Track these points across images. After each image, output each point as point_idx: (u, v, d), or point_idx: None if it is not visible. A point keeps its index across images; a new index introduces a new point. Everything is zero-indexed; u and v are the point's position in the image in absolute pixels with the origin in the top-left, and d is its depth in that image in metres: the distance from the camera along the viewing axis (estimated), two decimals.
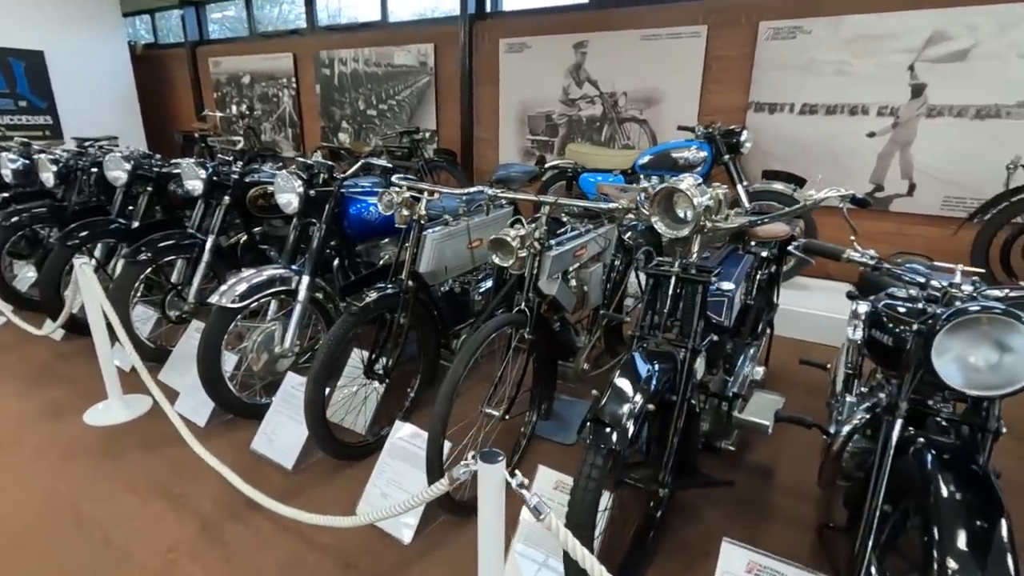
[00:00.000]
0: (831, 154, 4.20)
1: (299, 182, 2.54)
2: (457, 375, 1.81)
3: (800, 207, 1.70)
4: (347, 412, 2.49)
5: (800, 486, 2.20)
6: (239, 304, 2.37)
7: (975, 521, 1.02)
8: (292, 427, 2.35)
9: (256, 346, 2.55)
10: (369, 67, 6.59)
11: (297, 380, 2.44)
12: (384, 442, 2.14)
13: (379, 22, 6.55)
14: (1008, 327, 1.10)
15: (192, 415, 2.64)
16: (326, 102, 7.17)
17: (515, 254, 1.96)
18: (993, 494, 1.06)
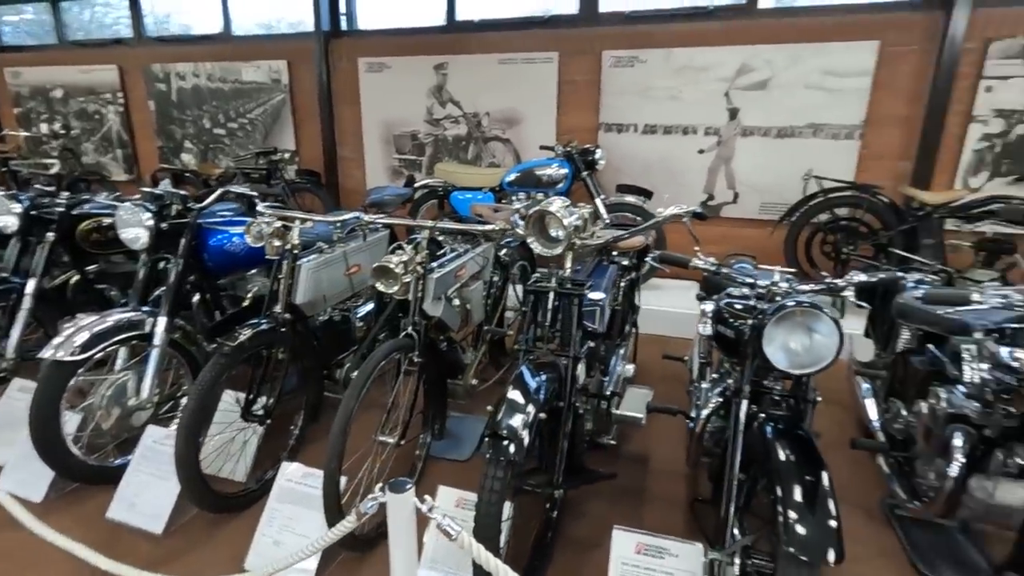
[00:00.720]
0: (670, 169, 4.75)
1: (148, 215, 2.31)
2: (350, 407, 1.77)
3: (654, 222, 1.93)
4: (224, 460, 2.30)
5: (672, 468, 2.47)
6: (80, 356, 2.08)
7: (804, 476, 1.26)
8: (158, 486, 2.11)
9: (105, 401, 2.25)
10: (213, 83, 6.10)
11: (160, 433, 2.20)
12: (270, 486, 2.02)
13: (221, 35, 6.10)
14: (815, 317, 1.38)
15: (24, 490, 2.25)
16: (164, 120, 6.49)
17: (399, 280, 1.97)
18: (815, 453, 1.31)
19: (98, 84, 6.68)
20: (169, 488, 2.09)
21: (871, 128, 4.20)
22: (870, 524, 2.14)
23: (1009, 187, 3.98)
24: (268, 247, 2.19)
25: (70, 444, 2.17)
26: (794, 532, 1.18)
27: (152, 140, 6.65)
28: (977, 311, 1.84)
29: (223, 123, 6.21)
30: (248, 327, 2.11)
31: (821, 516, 1.19)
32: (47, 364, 2.06)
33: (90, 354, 2.12)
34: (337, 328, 2.64)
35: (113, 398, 2.27)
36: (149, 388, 2.28)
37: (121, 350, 2.34)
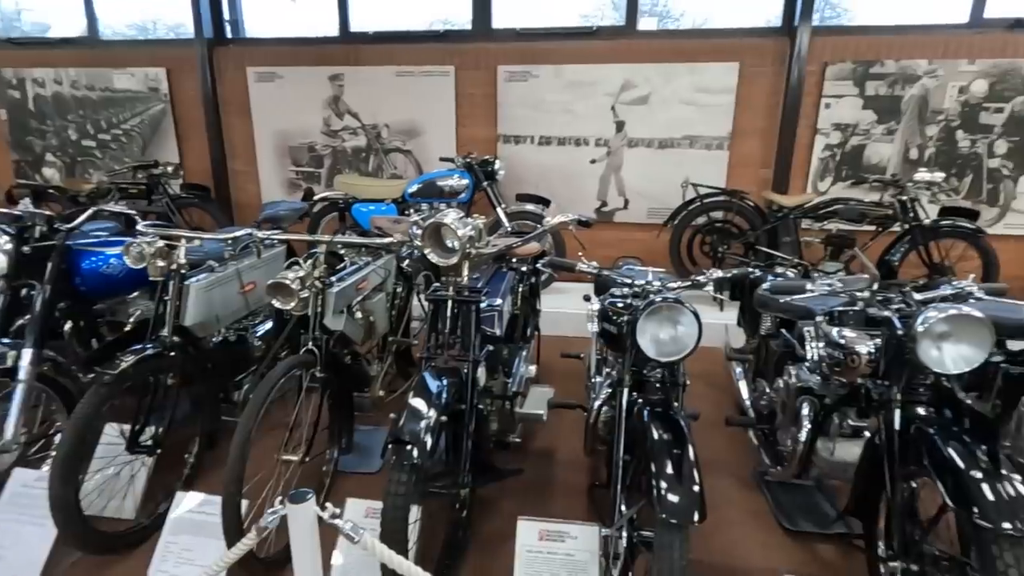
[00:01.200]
0: (566, 178, 5.01)
1: (5, 239, 2.11)
2: (248, 428, 1.74)
3: (541, 230, 2.08)
4: (108, 498, 2.15)
5: (574, 458, 2.63)
6: None
7: (673, 451, 1.44)
8: (31, 532, 1.94)
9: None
10: (79, 90, 5.59)
11: (30, 475, 2.02)
12: (163, 520, 1.93)
13: (86, 38, 5.60)
14: (679, 311, 1.57)
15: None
16: (19, 131, 5.83)
17: (296, 296, 1.96)
18: (681, 430, 1.50)
19: None
20: (44, 534, 1.92)
21: (737, 139, 4.70)
22: (744, 490, 2.42)
23: (847, 190, 4.62)
24: (151, 268, 2.09)
25: None
26: (666, 500, 1.35)
27: (6, 153, 5.94)
28: (815, 298, 2.15)
29: (93, 134, 5.69)
30: (131, 353, 2.00)
31: (687, 484, 1.36)
32: None
33: None
34: (233, 349, 2.55)
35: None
36: (14, 428, 2.08)
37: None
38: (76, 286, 2.40)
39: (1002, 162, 4.40)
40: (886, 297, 1.82)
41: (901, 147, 4.50)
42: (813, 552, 2.08)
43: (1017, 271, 4.47)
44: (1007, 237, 4.46)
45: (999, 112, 4.32)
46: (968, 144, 4.41)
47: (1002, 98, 4.29)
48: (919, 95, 4.38)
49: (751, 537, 2.15)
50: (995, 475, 1.32)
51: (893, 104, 4.43)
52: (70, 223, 2.30)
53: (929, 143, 4.46)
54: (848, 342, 1.81)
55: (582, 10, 5.66)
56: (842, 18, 5.09)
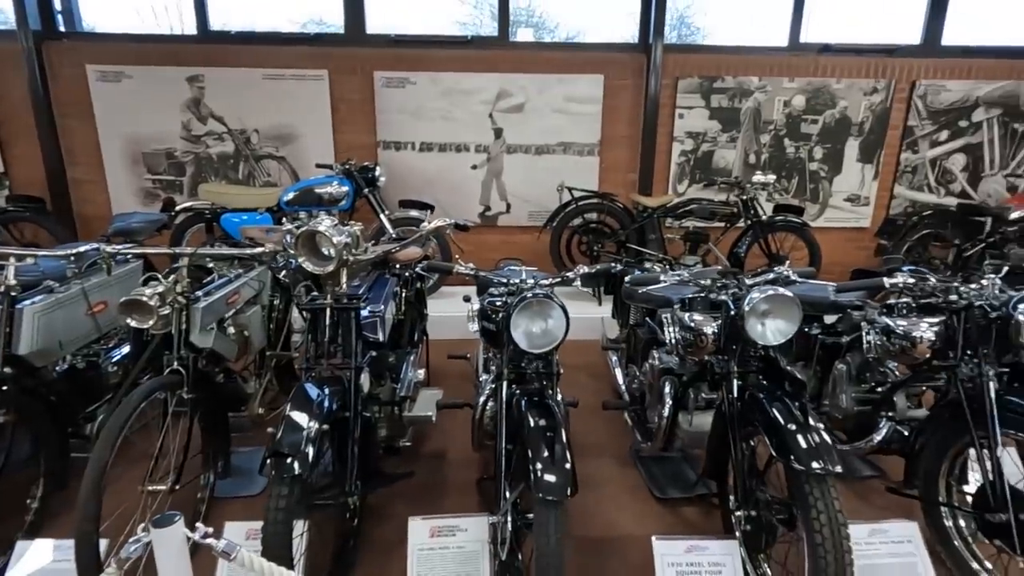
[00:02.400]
0: (449, 183, 5.08)
1: None
2: (102, 460, 1.60)
3: (419, 235, 2.12)
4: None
5: (465, 456, 2.69)
6: None
7: (547, 434, 1.56)
8: None
9: None
10: None
11: None
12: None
13: None
14: (548, 305, 1.70)
15: None
16: None
17: (155, 314, 1.83)
18: (554, 415, 1.63)
19: None
20: None
21: (605, 146, 5.06)
22: (621, 468, 2.63)
23: (701, 191, 5.16)
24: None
25: None
26: (542, 480, 1.46)
27: None
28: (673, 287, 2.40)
29: None
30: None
31: (560, 464, 1.48)
32: None
33: None
34: (82, 377, 2.30)
35: None
36: None
37: None
38: None
39: (820, 165, 5.18)
40: (724, 284, 2.09)
41: (742, 153, 5.12)
42: (680, 515, 2.33)
43: (835, 257, 5.26)
44: (827, 229, 5.24)
45: (815, 123, 5.07)
46: (793, 150, 5.13)
47: (816, 111, 5.04)
48: (754, 108, 5.02)
49: (628, 508, 2.35)
50: (805, 427, 1.59)
51: (733, 115, 5.03)
52: None
53: (763, 149, 5.12)
54: (696, 324, 2.06)
55: (459, 18, 5.77)
56: (697, 36, 5.69)
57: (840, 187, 5.23)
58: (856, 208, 5.27)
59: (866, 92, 5.00)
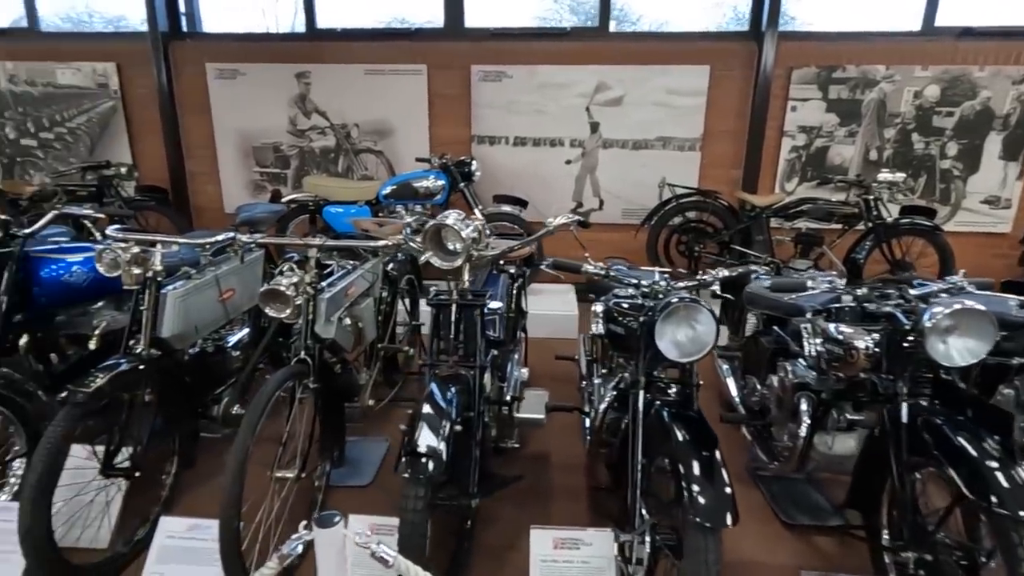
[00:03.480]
0: (541, 179, 4.99)
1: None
2: (245, 446, 1.63)
3: (546, 231, 2.04)
4: (82, 527, 1.97)
5: (570, 461, 2.60)
6: None
7: (701, 452, 1.42)
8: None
9: None
10: (18, 86, 5.19)
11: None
12: (143, 547, 1.79)
13: (24, 30, 5.21)
14: (696, 310, 1.56)
15: None
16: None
17: (292, 304, 1.86)
18: (708, 430, 1.49)
19: None
20: (11, 571, 1.75)
21: (708, 141, 4.79)
22: (739, 485, 2.43)
23: (813, 190, 4.78)
24: (125, 276, 1.93)
25: None
26: (698, 503, 1.33)
27: None
28: (809, 296, 2.20)
29: (34, 132, 5.30)
30: (104, 369, 1.84)
31: (718, 486, 1.35)
32: None
33: None
34: (211, 360, 2.39)
35: None
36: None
37: None
38: (34, 296, 2.20)
39: (953, 163, 4.65)
40: (883, 293, 1.87)
41: (861, 149, 4.69)
42: (813, 545, 2.12)
43: (968, 266, 4.71)
44: (958, 234, 4.71)
45: (950, 116, 4.56)
46: (922, 146, 4.64)
47: (952, 103, 4.53)
48: (878, 99, 4.58)
49: (756, 532, 2.17)
50: (1008, 464, 1.36)
51: (854, 107, 4.61)
52: (27, 228, 2.11)
53: (887, 145, 4.67)
54: (847, 338, 1.85)
55: (537, 13, 5.60)
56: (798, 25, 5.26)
57: (976, 187, 4.68)
58: (995, 211, 4.70)
59: (1015, 81, 4.44)
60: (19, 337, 2.28)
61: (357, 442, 2.66)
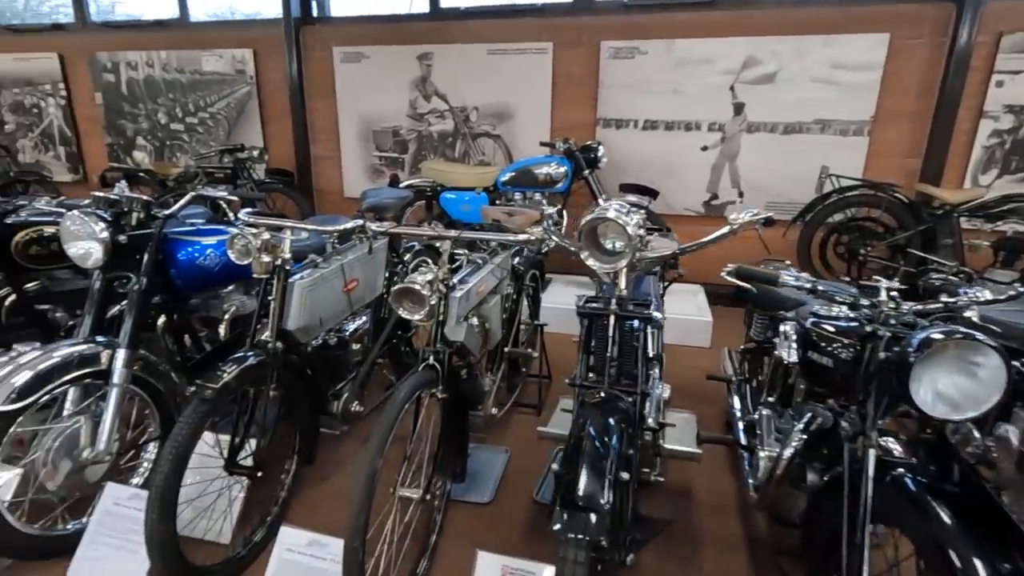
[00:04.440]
0: (671, 166, 4.51)
1: (102, 225, 1.89)
2: (374, 467, 1.43)
3: (729, 230, 1.65)
4: (205, 519, 1.91)
5: (720, 501, 2.20)
6: (19, 404, 1.67)
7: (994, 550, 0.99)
8: (123, 560, 1.71)
9: (52, 455, 1.83)
10: (169, 73, 5.56)
11: (123, 493, 1.80)
12: (259, 550, 1.66)
13: (176, 20, 5.55)
14: (974, 349, 1.11)
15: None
16: (113, 114, 5.89)
17: (427, 303, 1.63)
18: (1009, 523, 1.05)
19: (36, 74, 6.01)
20: (137, 563, 1.70)
21: (880, 124, 4.05)
22: None
23: (1018, 185, 3.89)
24: (256, 264, 1.81)
25: (5, 512, 1.74)
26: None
27: (100, 136, 6.03)
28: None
29: (181, 118, 5.66)
30: (233, 362, 1.73)
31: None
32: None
33: (32, 400, 1.71)
34: (332, 354, 2.26)
35: (61, 450, 1.85)
36: (107, 437, 1.86)
37: (71, 390, 1.91)
38: (172, 278, 2.17)
39: None
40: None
41: None
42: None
43: None
44: None
45: None
46: None
47: None
48: None
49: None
50: None
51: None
52: (166, 208, 2.07)
53: None
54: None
55: None
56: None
57: None
58: None
59: None
60: (156, 319, 2.28)
61: (474, 451, 2.44)
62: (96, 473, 1.93)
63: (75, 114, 6.07)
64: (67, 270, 2.65)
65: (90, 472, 1.92)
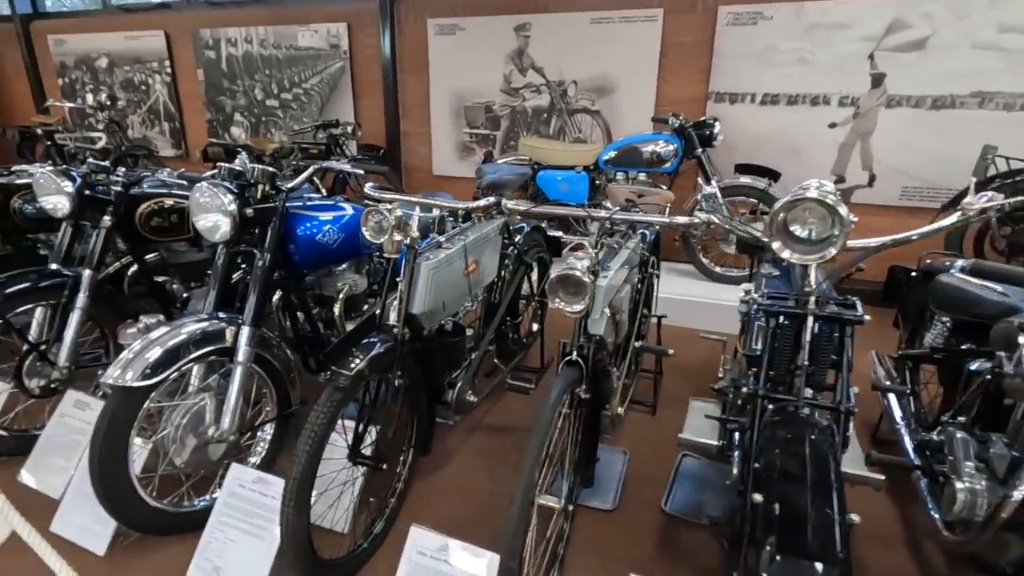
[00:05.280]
0: (792, 145, 4.08)
1: (230, 197, 1.81)
2: (533, 477, 1.26)
3: (957, 220, 1.34)
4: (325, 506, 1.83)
5: (889, 536, 1.91)
6: (153, 380, 1.63)
7: None
8: (248, 543, 1.66)
9: (180, 431, 1.80)
10: (267, 49, 5.62)
11: (247, 475, 1.75)
12: (379, 542, 1.56)
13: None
14: None
15: (83, 538, 1.83)
16: (213, 91, 6.05)
17: (587, 293, 1.44)
18: None
19: (144, 52, 6.26)
20: (264, 549, 1.63)
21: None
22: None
23: None
24: (387, 243, 1.68)
25: (138, 486, 1.72)
26: None
27: (201, 113, 6.23)
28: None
29: (276, 94, 5.73)
30: (362, 349, 1.61)
31: None
32: (113, 390, 1.61)
33: (164, 376, 1.67)
34: (448, 341, 2.13)
35: (188, 427, 1.82)
36: (232, 416, 1.81)
37: (196, 367, 1.87)
38: (289, 254, 2.10)
39: None
40: None
41: None
42: None
43: None
44: None
45: None
46: None
47: None
48: None
49: None
50: None
51: None
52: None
53: None
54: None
55: None
56: None
57: None
58: None
59: None
60: (272, 295, 2.23)
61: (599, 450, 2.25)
62: (218, 451, 1.89)
63: (178, 91, 6.29)
64: (184, 243, 2.66)
65: (212, 450, 1.88)
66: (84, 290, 2.21)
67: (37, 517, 1.92)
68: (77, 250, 2.39)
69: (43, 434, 2.10)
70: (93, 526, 1.83)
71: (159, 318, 2.15)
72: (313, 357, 2.28)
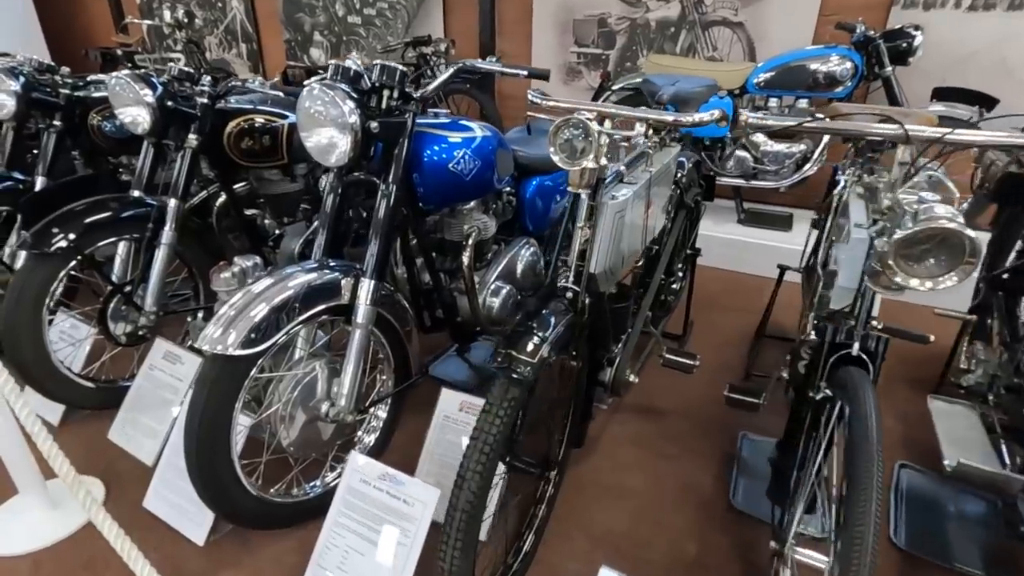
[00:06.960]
0: (1006, 63, 3.17)
1: (351, 104, 1.33)
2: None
3: None
4: None
5: None
6: (259, 347, 1.24)
7: None
8: (372, 554, 1.29)
9: (288, 407, 1.42)
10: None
11: (374, 470, 1.37)
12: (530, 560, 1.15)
13: None
14: None
15: (180, 522, 1.53)
16: (291, 8, 5.57)
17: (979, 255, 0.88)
18: None
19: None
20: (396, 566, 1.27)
21: None
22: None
23: None
24: (573, 175, 1.16)
25: (241, 475, 1.38)
26: None
27: (279, 33, 5.78)
28: None
29: (359, 9, 5.18)
30: (540, 326, 1.14)
31: None
32: (213, 359, 1.24)
33: (272, 342, 1.28)
34: (615, 307, 1.63)
35: (298, 403, 1.44)
36: (349, 391, 1.42)
37: (303, 329, 1.47)
38: (414, 185, 1.62)
39: None
40: None
41: None
42: None
43: None
44: None
45: None
46: None
47: None
48: None
49: None
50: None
51: None
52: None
53: None
54: None
55: None
56: None
57: None
58: None
59: None
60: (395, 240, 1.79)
61: None
62: (327, 430, 1.53)
63: (255, 8, 5.84)
64: (276, 170, 2.26)
65: (322, 431, 1.52)
66: (170, 223, 1.87)
67: (128, 489, 1.66)
68: (160, 177, 2.04)
69: (131, 389, 1.82)
70: (189, 508, 1.53)
71: (255, 260, 1.76)
72: (429, 312, 1.86)
